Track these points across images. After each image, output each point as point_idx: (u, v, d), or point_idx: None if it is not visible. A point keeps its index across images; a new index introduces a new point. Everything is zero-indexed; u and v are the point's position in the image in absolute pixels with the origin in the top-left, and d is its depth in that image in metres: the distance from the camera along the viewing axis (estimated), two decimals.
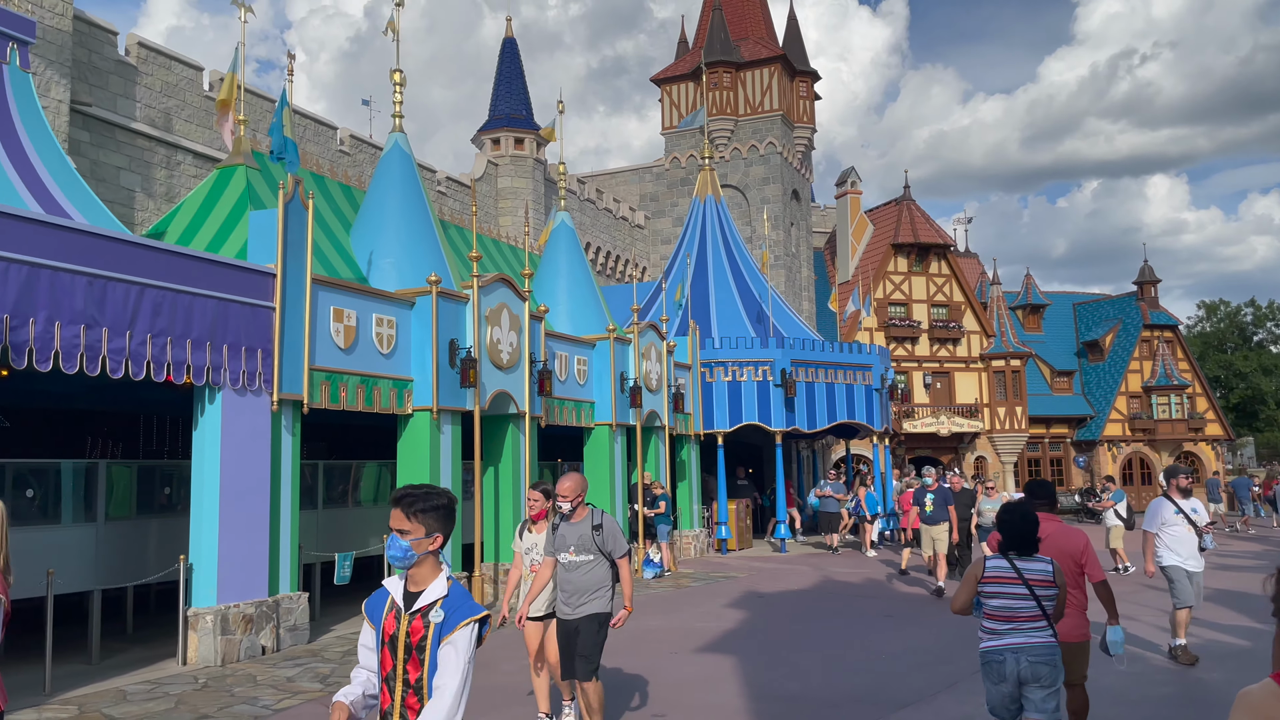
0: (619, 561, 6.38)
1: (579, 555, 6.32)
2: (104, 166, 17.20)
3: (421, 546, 3.14)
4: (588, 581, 6.33)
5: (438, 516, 3.16)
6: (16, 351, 8.23)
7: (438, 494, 3.19)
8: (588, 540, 6.31)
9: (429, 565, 3.17)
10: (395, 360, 12.57)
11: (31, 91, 11.35)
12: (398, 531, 3.14)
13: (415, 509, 3.14)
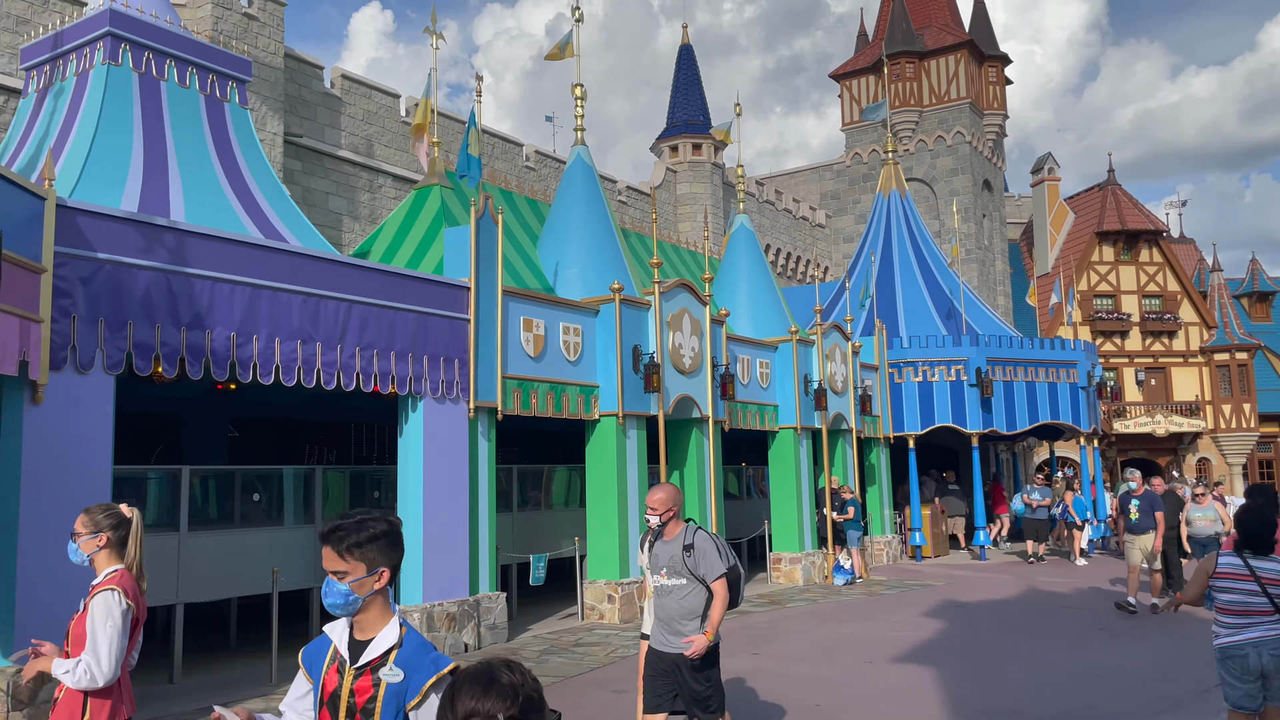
0: (713, 585, 5.49)
1: (670, 578, 5.53)
2: (314, 192, 18.52)
3: (365, 587, 2.59)
4: (680, 609, 5.49)
5: (378, 548, 2.61)
6: (243, 366, 8.96)
7: (374, 521, 2.63)
8: (678, 562, 5.49)
9: (377, 607, 2.62)
10: (581, 367, 12.85)
11: (250, 126, 12.35)
12: (333, 574, 2.59)
13: (349, 544, 2.59)
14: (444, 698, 2.00)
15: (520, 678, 1.94)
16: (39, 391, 7.45)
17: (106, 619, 3.69)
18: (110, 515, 3.92)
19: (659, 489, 5.59)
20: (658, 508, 5.52)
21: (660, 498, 5.54)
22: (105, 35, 10.90)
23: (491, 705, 1.86)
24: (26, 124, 11.44)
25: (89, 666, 3.64)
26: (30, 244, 7.32)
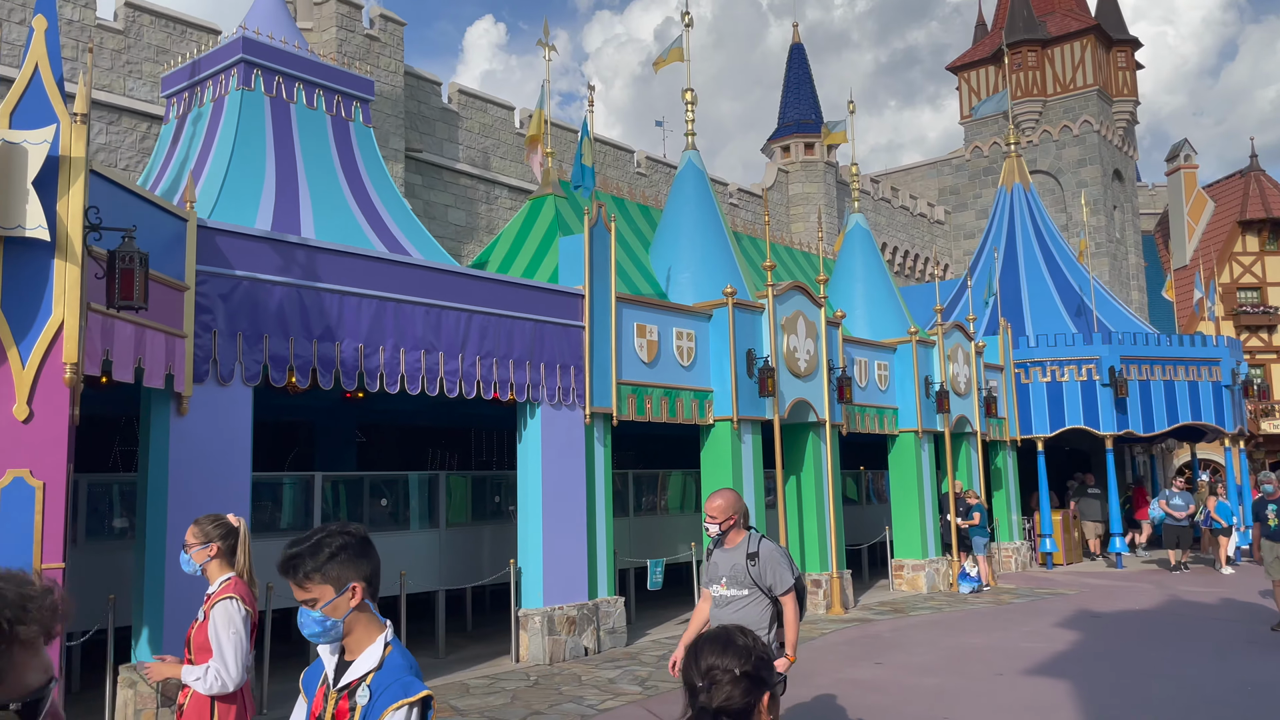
0: (782, 599, 5.17)
1: (730, 589, 5.21)
2: (435, 205, 19.06)
3: (339, 609, 2.42)
4: (740, 621, 5.23)
5: (342, 563, 2.42)
6: (370, 376, 9.27)
7: (329, 538, 2.44)
8: (741, 571, 5.17)
9: (361, 626, 2.46)
10: (695, 372, 12.83)
11: (373, 144, 12.79)
12: (304, 603, 2.44)
13: (308, 570, 2.41)
14: (688, 654, 2.25)
15: (752, 641, 2.27)
16: (184, 403, 7.87)
17: (229, 626, 3.84)
18: (219, 525, 4.07)
19: (718, 495, 5.31)
20: (717, 515, 5.23)
21: (719, 504, 5.25)
22: (239, 62, 11.46)
23: (729, 661, 2.18)
24: (168, 149, 12.13)
25: (219, 672, 3.80)
26: (174, 263, 7.75)
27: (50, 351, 5.95)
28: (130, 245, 6.51)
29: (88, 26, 14.61)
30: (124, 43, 15.16)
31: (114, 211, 6.62)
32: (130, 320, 6.94)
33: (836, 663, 10.21)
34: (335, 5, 17.18)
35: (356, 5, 17.52)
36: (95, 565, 9.04)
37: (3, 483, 5.75)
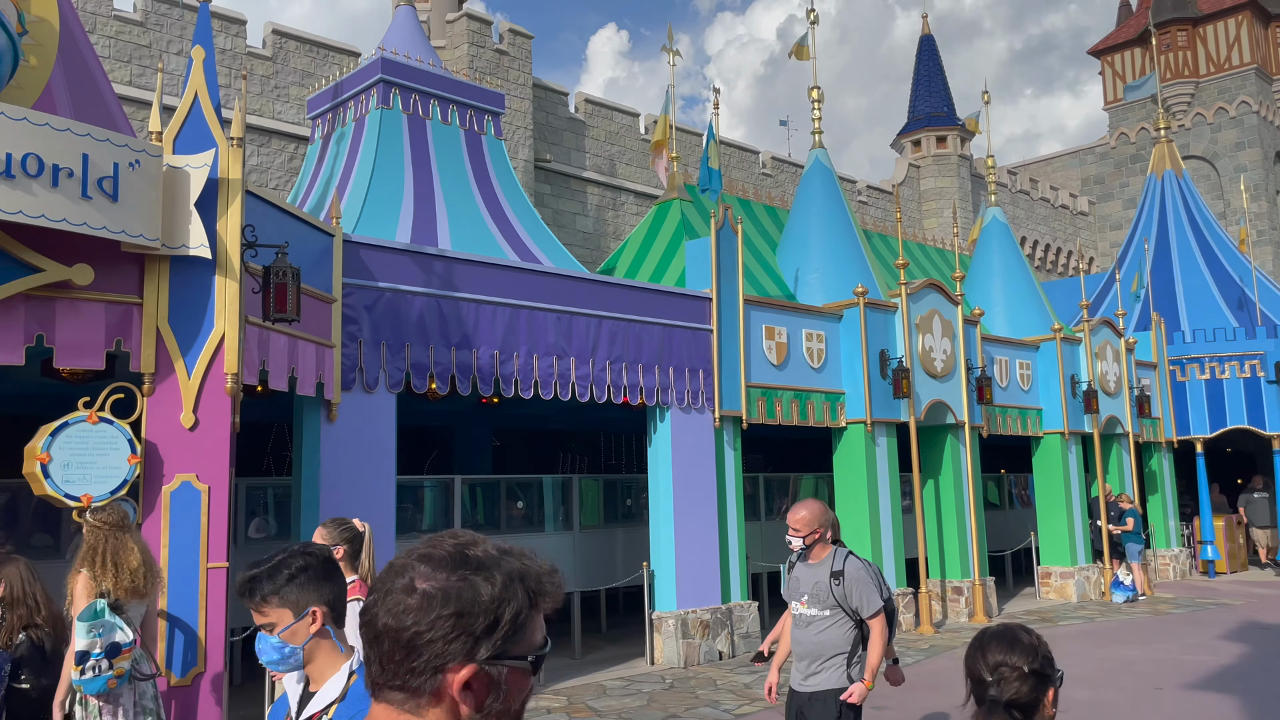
0: (870, 621, 4.74)
1: (812, 608, 4.81)
2: (563, 214, 19.41)
3: (299, 635, 2.24)
4: (819, 643, 4.76)
5: (301, 586, 2.24)
6: (505, 382, 9.51)
7: (289, 559, 2.27)
8: (824, 590, 4.77)
9: (323, 654, 2.26)
10: (826, 374, 12.62)
11: (504, 156, 13.13)
12: (263, 628, 2.27)
13: (265, 593, 2.24)
14: (973, 649, 2.43)
15: (1036, 639, 2.40)
16: (333, 410, 8.25)
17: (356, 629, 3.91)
18: (345, 529, 4.14)
19: (802, 505, 4.91)
20: (800, 528, 4.82)
21: (803, 516, 4.84)
22: (378, 82, 11.95)
23: (1017, 659, 2.34)
24: (314, 167, 12.75)
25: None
26: (322, 277, 8.13)
27: (213, 363, 6.33)
28: (284, 261, 6.87)
29: (239, 54, 15.51)
30: (272, 68, 16.03)
31: (267, 229, 6.99)
32: (284, 332, 7.32)
33: None
34: (466, 22, 17.72)
35: (486, 21, 18.01)
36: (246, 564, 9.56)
37: (172, 486, 6.15)
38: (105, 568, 4.73)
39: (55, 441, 5.73)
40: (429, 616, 1.27)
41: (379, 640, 1.30)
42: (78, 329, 5.91)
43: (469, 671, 1.27)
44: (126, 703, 4.71)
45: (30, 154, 5.46)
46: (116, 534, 4.83)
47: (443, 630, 1.26)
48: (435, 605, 1.27)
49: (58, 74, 6.64)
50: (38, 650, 4.84)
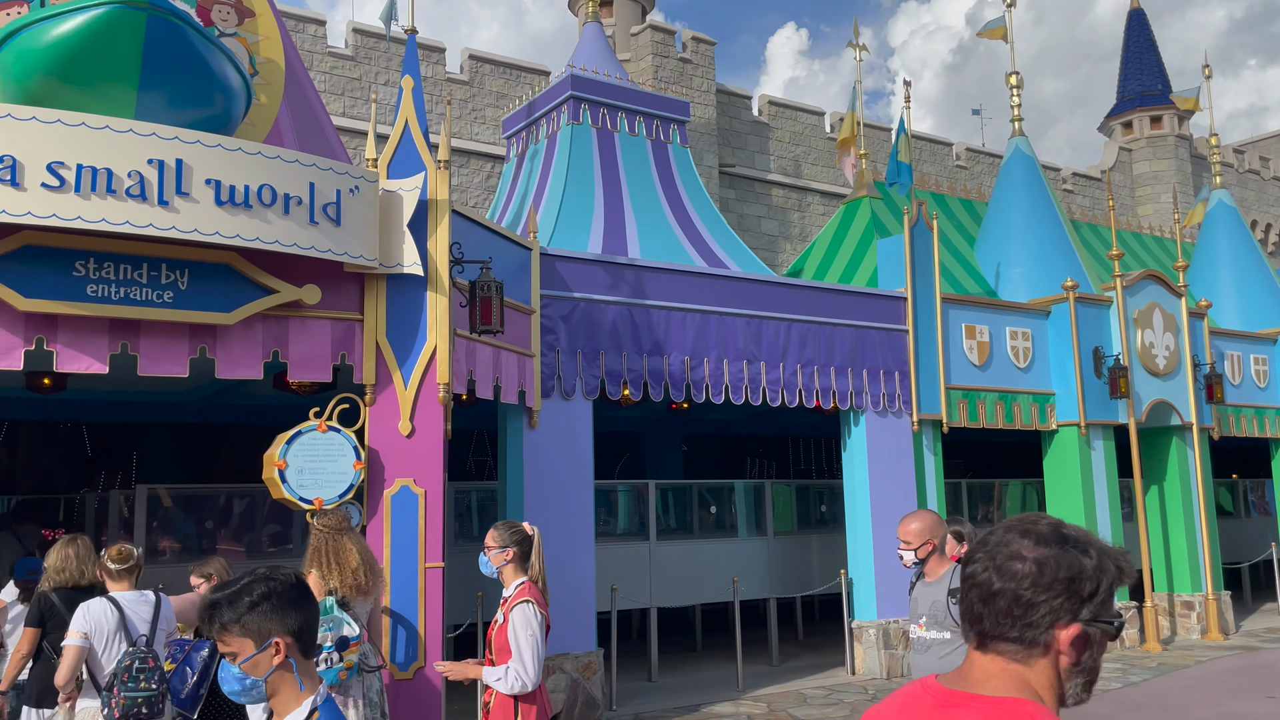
0: None
1: (930, 630, 4.40)
2: (748, 218, 19.34)
3: (260, 666, 2.10)
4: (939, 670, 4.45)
5: (264, 614, 2.10)
6: (696, 387, 9.56)
7: (253, 584, 2.13)
8: (941, 610, 4.32)
9: (286, 687, 2.12)
10: (1033, 374, 11.96)
11: (690, 163, 13.22)
12: (226, 656, 2.14)
13: (225, 621, 2.11)
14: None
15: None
16: (534, 417, 8.55)
17: (526, 629, 3.98)
18: (515, 531, 4.24)
19: (913, 517, 4.53)
20: (912, 540, 4.41)
21: (915, 527, 4.44)
22: (568, 99, 12.31)
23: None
24: (510, 185, 13.28)
25: (518, 674, 3.96)
26: (521, 289, 8.44)
27: (427, 374, 6.70)
28: (488, 275, 7.19)
29: (439, 81, 16.37)
30: (469, 92, 16.83)
31: (471, 245, 7.33)
32: (489, 343, 7.65)
33: (1218, 695, 9.04)
34: (650, 34, 17.99)
35: (669, 31, 18.23)
36: (463, 565, 10.04)
37: (393, 490, 6.54)
38: (331, 567, 5.06)
39: (290, 449, 6.21)
40: (1045, 579, 1.50)
41: (993, 599, 1.52)
42: (307, 345, 6.39)
43: (1075, 629, 1.49)
44: (356, 694, 5.03)
45: (265, 185, 5.96)
46: (336, 537, 5.14)
47: (1058, 592, 1.49)
48: (1049, 571, 1.50)
49: (284, 110, 7.22)
50: None
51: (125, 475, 12.00)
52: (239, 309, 6.07)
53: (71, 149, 5.40)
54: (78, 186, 5.39)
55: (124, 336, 5.83)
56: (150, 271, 5.85)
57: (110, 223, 5.47)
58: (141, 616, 4.91)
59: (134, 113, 5.81)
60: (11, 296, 5.43)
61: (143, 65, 5.71)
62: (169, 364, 5.94)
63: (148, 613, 4.94)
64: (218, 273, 6.05)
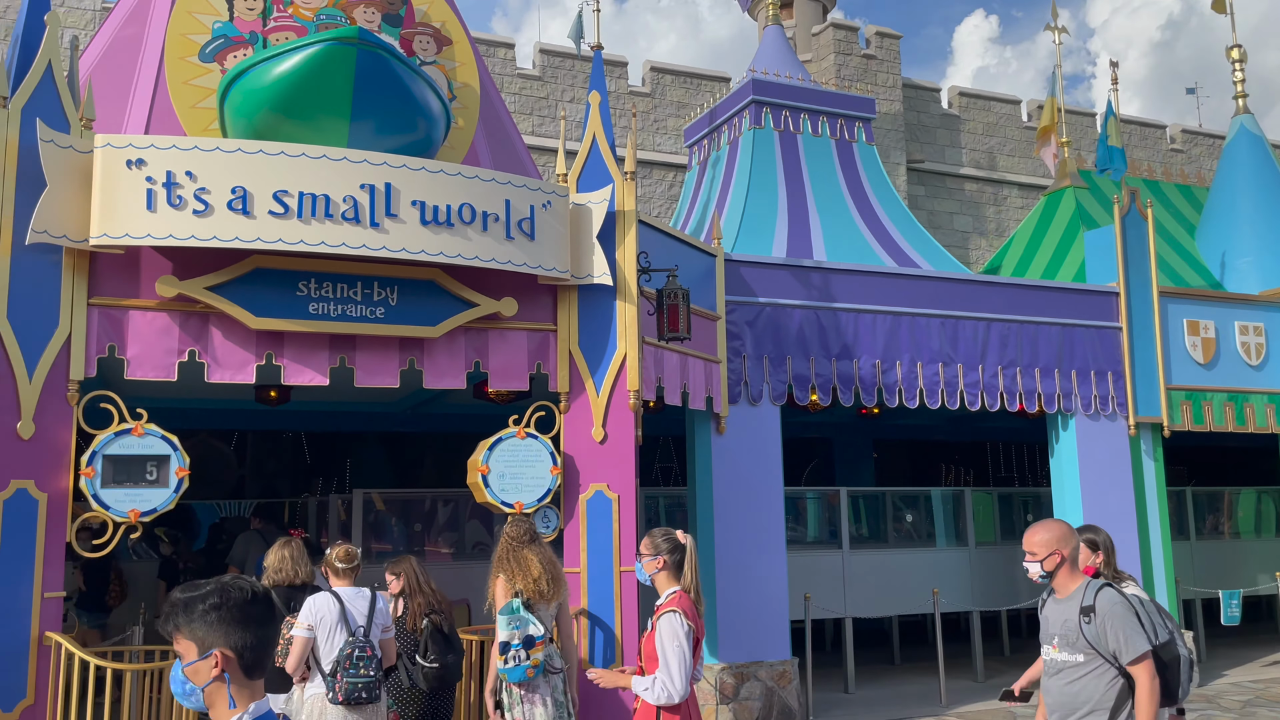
0: (1131, 669, 3.75)
1: (1062, 652, 3.93)
2: (939, 214, 18.64)
3: (200, 674, 2.05)
4: (1071, 697, 3.87)
5: (210, 624, 2.05)
6: (888, 391, 9.28)
7: (208, 594, 2.07)
8: (1073, 629, 3.88)
9: (221, 703, 2.06)
10: (1268, 372, 10.89)
11: (877, 161, 12.88)
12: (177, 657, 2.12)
13: (177, 623, 2.07)
14: None
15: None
16: (722, 423, 8.54)
17: (673, 639, 3.97)
18: (668, 540, 4.24)
19: (1040, 526, 4.03)
20: (1038, 552, 3.96)
21: (1040, 538, 3.97)
22: (749, 103, 12.27)
23: None
24: (693, 193, 13.36)
25: (664, 684, 3.95)
26: (706, 296, 8.46)
27: (617, 381, 6.82)
28: (674, 283, 7.25)
29: (622, 95, 16.70)
30: (650, 103, 17.08)
31: (657, 254, 7.42)
32: (676, 350, 7.71)
33: None
34: (832, 32, 17.69)
35: (852, 28, 17.86)
36: None
37: (587, 495, 6.69)
38: (515, 572, 5.35)
39: (492, 455, 6.47)
40: None
41: None
42: (506, 355, 6.64)
43: None
44: (544, 693, 5.21)
45: (465, 204, 6.24)
46: (518, 548, 5.43)
47: None
48: None
49: (479, 131, 7.55)
50: (438, 632, 5.65)
51: (341, 481, 12.88)
52: (443, 322, 6.38)
53: (293, 178, 5.85)
54: (299, 212, 5.82)
55: (342, 351, 6.24)
56: (364, 289, 6.25)
57: (328, 245, 5.88)
58: (359, 610, 5.26)
59: (346, 141, 6.23)
60: (244, 316, 5.93)
61: (354, 97, 6.12)
62: (382, 376, 6.32)
63: (364, 607, 5.29)
64: (423, 288, 6.38)
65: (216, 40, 6.75)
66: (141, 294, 5.84)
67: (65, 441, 5.58)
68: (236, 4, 6.89)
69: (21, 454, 5.44)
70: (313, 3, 7.00)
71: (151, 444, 5.70)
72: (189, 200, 5.65)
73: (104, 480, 5.56)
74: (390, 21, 7.32)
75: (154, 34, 6.81)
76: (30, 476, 5.45)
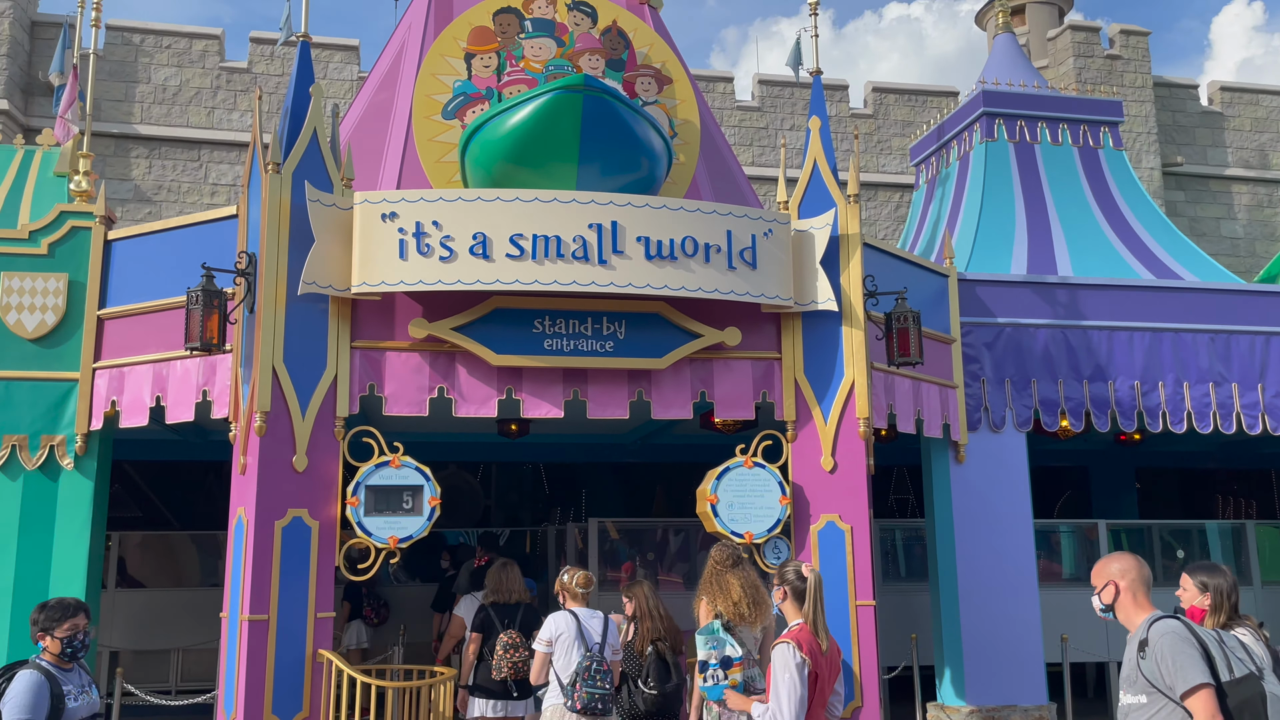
0: (1188, 702, 3.26)
1: (1127, 693, 3.48)
2: (1203, 220, 17.02)
3: None
4: None
5: None
6: (1150, 415, 8.51)
7: None
8: (1133, 667, 3.44)
9: None
10: None
11: (1126, 167, 11.92)
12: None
13: None
14: None
15: None
16: (960, 451, 8.13)
17: (784, 670, 4.00)
18: (790, 569, 4.31)
19: (1105, 558, 3.61)
20: (1095, 583, 3.61)
21: (1097, 568, 3.60)
22: (980, 116, 11.73)
23: None
24: (920, 213, 12.90)
25: (773, 714, 4.00)
26: (939, 318, 8.11)
27: (845, 409, 6.66)
28: (903, 306, 7.00)
29: (843, 118, 16.47)
30: (873, 125, 16.73)
31: (884, 277, 7.20)
32: (907, 375, 7.43)
33: None
34: (1070, 34, 16.66)
35: (1093, 29, 16.75)
36: (892, 605, 9.76)
37: (818, 526, 6.55)
38: (716, 595, 5.45)
39: (720, 484, 6.48)
40: None
41: None
42: (731, 384, 6.65)
43: None
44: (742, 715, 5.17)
45: (687, 237, 6.34)
46: (721, 571, 5.53)
47: None
48: None
49: (700, 164, 7.66)
50: (661, 660, 5.73)
51: (576, 511, 13.33)
52: (669, 354, 6.48)
53: (527, 221, 6.16)
54: (534, 253, 6.12)
55: (575, 384, 6.48)
56: (594, 324, 6.47)
57: (560, 283, 6.14)
58: (594, 629, 5.56)
59: (575, 183, 6.50)
60: (486, 354, 6.28)
61: (581, 141, 6.38)
62: (612, 407, 6.49)
63: (598, 627, 5.60)
64: (649, 321, 6.52)
65: (457, 98, 7.26)
66: (396, 336, 6.32)
67: (333, 473, 6.11)
68: (474, 63, 7.38)
69: (297, 485, 6.00)
70: (542, 55, 7.39)
71: (407, 475, 6.13)
72: (435, 247, 6.08)
73: (366, 509, 6.03)
74: (613, 66, 7.59)
75: (403, 97, 7.43)
76: (304, 505, 6.00)
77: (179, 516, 12.22)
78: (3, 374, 6.88)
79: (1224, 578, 4.15)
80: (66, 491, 6.85)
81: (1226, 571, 4.23)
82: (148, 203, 14.13)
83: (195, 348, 6.06)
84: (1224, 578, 4.15)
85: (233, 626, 5.94)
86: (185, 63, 14.62)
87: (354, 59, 15.18)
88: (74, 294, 7.00)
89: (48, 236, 7.05)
